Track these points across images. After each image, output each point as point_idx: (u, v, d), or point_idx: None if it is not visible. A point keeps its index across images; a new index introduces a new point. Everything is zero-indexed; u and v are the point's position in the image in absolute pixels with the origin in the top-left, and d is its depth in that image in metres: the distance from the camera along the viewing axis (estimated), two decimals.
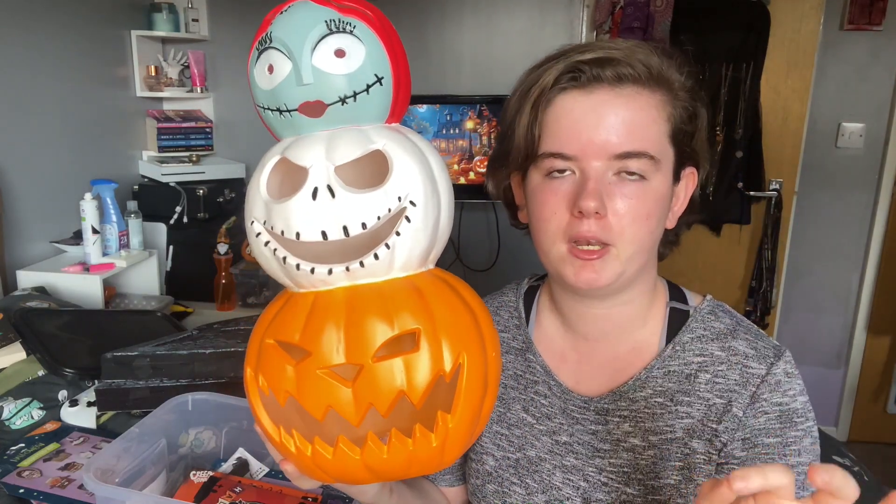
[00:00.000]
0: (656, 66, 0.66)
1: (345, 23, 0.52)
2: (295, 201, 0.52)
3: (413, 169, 0.53)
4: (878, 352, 2.78)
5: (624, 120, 0.65)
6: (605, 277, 0.67)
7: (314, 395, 0.52)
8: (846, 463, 1.34)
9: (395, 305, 0.52)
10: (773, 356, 0.70)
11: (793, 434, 0.68)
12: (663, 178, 0.68)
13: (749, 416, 0.68)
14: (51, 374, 1.33)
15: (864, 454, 1.68)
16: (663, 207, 0.69)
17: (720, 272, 2.72)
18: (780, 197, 2.62)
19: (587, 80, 0.66)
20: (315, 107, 0.53)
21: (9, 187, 1.88)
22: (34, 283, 1.80)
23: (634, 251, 0.67)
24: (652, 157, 0.65)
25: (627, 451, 0.72)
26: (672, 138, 0.68)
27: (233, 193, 2.61)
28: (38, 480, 1.02)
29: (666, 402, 0.71)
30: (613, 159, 0.65)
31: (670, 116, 0.68)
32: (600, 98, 0.65)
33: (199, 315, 2.13)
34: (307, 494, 0.91)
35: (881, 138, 2.60)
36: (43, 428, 1.21)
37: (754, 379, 0.69)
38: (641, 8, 2.41)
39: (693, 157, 0.72)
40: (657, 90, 0.67)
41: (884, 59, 2.55)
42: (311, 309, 0.54)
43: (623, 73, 0.65)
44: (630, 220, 0.65)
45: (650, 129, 0.66)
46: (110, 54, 2.39)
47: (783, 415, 0.68)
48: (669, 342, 0.74)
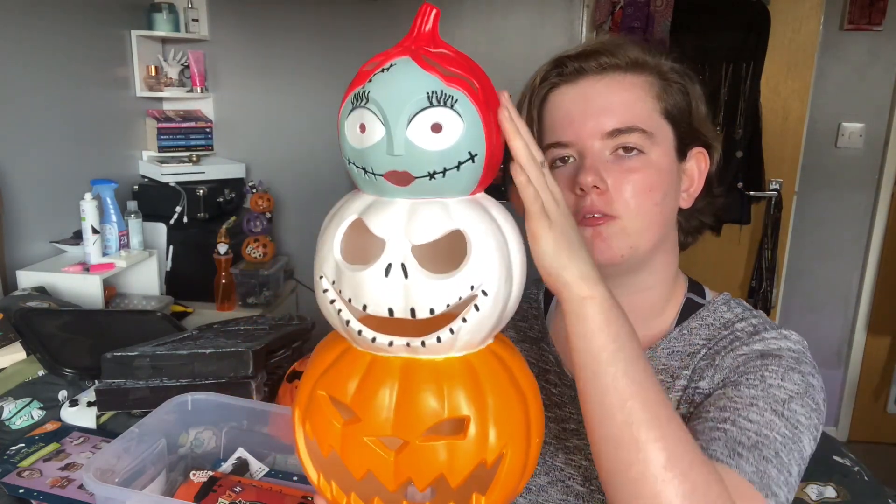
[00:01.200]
0: (636, 53, 0.71)
1: (447, 96, 0.50)
2: (368, 274, 0.51)
3: (491, 256, 0.52)
4: (878, 352, 2.78)
5: (610, 101, 0.69)
6: (618, 249, 0.69)
7: (357, 458, 0.53)
8: (846, 463, 1.34)
9: (450, 387, 0.52)
10: (771, 329, 0.72)
11: (776, 365, 0.67)
12: (663, 153, 0.70)
13: (727, 360, 0.69)
14: (51, 374, 1.33)
15: (864, 454, 1.68)
16: (668, 182, 0.71)
17: (720, 272, 2.72)
18: (780, 197, 2.62)
19: (572, 72, 0.71)
20: (402, 177, 0.51)
21: (9, 187, 1.88)
22: (34, 283, 1.80)
23: (643, 224, 0.69)
24: (644, 130, 0.69)
25: None
26: (666, 115, 0.71)
27: (233, 193, 2.61)
28: (38, 480, 1.02)
29: (666, 379, 0.74)
30: (607, 138, 0.69)
31: (660, 95, 0.71)
32: (586, 86, 0.70)
33: (199, 315, 2.13)
34: (307, 494, 0.91)
35: (881, 138, 2.61)
36: (43, 428, 1.21)
37: (738, 340, 0.71)
38: (641, 8, 2.41)
39: (698, 137, 0.74)
40: (641, 73, 0.71)
41: (884, 59, 2.55)
42: (367, 372, 0.53)
43: (605, 62, 0.70)
44: (632, 192, 0.68)
45: (637, 106, 0.69)
46: (110, 54, 2.40)
47: (765, 353, 0.69)
48: (678, 326, 0.76)
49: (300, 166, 2.82)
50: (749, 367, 0.67)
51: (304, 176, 2.83)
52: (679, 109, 0.72)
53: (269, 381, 1.26)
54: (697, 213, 0.78)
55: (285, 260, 2.65)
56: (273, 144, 2.81)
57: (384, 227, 0.51)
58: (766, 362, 0.67)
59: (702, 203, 0.77)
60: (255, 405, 1.01)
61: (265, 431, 0.99)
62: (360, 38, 2.67)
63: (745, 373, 0.67)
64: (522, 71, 0.78)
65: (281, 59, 2.73)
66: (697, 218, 0.79)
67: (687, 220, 0.78)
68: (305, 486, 0.93)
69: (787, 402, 0.64)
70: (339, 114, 0.54)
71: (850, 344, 2.80)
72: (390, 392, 0.52)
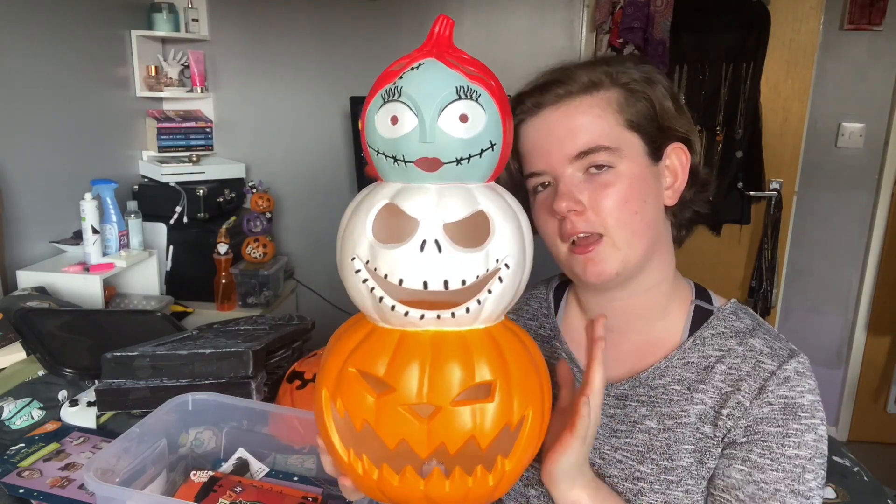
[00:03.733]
0: (588, 75, 0.74)
1: (472, 90, 0.57)
2: (403, 250, 0.56)
3: (511, 233, 0.58)
4: (878, 352, 2.78)
5: (570, 126, 0.73)
6: (611, 266, 0.73)
7: (391, 427, 0.57)
8: (846, 463, 1.34)
9: (477, 356, 0.57)
10: (786, 355, 0.74)
11: (795, 426, 0.70)
12: (632, 163, 0.73)
13: (754, 406, 0.71)
14: (51, 374, 1.32)
15: (864, 454, 1.68)
16: (643, 189, 0.74)
17: (720, 272, 2.72)
18: (780, 197, 2.62)
19: (531, 107, 0.75)
20: (432, 163, 0.57)
21: (9, 187, 1.88)
22: (34, 283, 1.80)
23: (628, 235, 0.72)
24: (608, 147, 0.72)
25: (643, 433, 0.76)
26: (629, 125, 0.74)
27: (233, 193, 2.61)
28: (38, 480, 1.02)
29: (683, 391, 0.76)
30: (575, 160, 0.73)
31: (621, 108, 0.73)
32: (546, 116, 0.75)
33: (199, 315, 2.13)
34: (307, 494, 0.91)
35: (881, 138, 2.61)
36: (43, 428, 1.21)
37: (764, 373, 0.73)
38: (641, 8, 2.41)
39: (670, 134, 0.76)
40: (597, 92, 0.74)
41: (884, 59, 2.55)
42: (398, 346, 0.58)
43: (559, 92, 0.74)
44: (609, 207, 0.71)
45: (597, 125, 0.73)
46: (110, 54, 2.40)
47: (787, 407, 0.71)
48: (691, 336, 0.78)
49: (300, 166, 2.82)
50: (773, 429, 0.71)
51: (304, 176, 2.83)
52: (644, 116, 0.74)
53: (269, 381, 1.26)
54: (689, 204, 0.80)
55: (285, 260, 2.65)
56: (273, 144, 2.81)
57: (417, 208, 0.57)
58: (787, 425, 0.70)
59: (690, 193, 0.79)
60: (255, 405, 1.01)
61: (265, 431, 0.99)
62: (360, 38, 2.67)
63: (768, 438, 0.70)
64: (522, 71, 0.79)
65: (281, 59, 2.73)
66: (690, 208, 0.81)
67: (680, 213, 0.81)
68: (305, 486, 0.93)
69: (801, 476, 0.69)
70: (366, 110, 0.60)
71: (850, 344, 2.80)
72: (422, 362, 0.56)
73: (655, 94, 0.75)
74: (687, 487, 0.73)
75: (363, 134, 0.62)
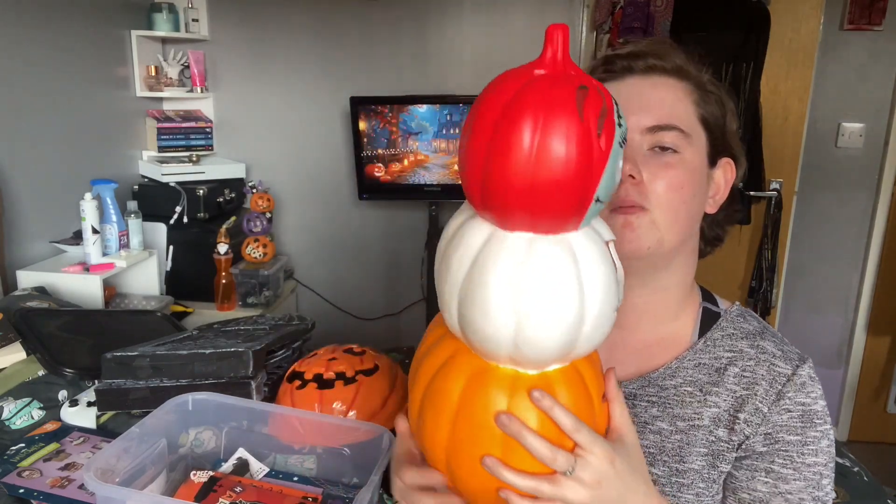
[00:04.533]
0: (682, 60, 0.75)
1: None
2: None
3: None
4: (878, 352, 2.78)
5: (653, 98, 0.73)
6: (646, 240, 0.71)
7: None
8: (846, 463, 1.34)
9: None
10: (797, 360, 0.75)
11: (812, 434, 0.71)
12: (696, 154, 0.74)
13: (773, 413, 0.72)
14: (51, 374, 1.32)
15: (864, 454, 1.68)
16: (697, 182, 0.74)
17: (720, 272, 2.71)
18: (780, 197, 2.62)
19: (619, 70, 0.75)
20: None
21: (9, 187, 1.88)
22: (34, 283, 1.80)
23: (671, 220, 0.72)
24: (682, 130, 0.72)
25: (654, 434, 0.75)
26: (702, 120, 0.75)
27: (233, 193, 2.61)
28: (38, 480, 1.02)
29: (695, 392, 0.75)
30: (646, 133, 0.72)
31: (698, 102, 0.74)
32: (631, 83, 0.74)
33: (199, 315, 2.13)
34: (307, 494, 0.91)
35: (881, 138, 2.61)
36: (43, 428, 1.21)
37: (781, 377, 0.73)
38: (641, 8, 2.41)
39: (728, 148, 0.78)
40: (683, 79, 0.75)
41: (884, 59, 2.55)
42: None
43: (652, 64, 0.74)
44: (664, 186, 0.71)
45: (678, 106, 0.73)
46: (110, 54, 2.39)
47: (805, 415, 0.72)
48: (702, 337, 0.78)
49: (300, 166, 2.82)
50: (792, 438, 0.71)
51: (304, 176, 2.83)
52: (714, 118, 0.75)
53: (269, 381, 1.26)
54: (717, 224, 0.82)
55: (285, 260, 2.65)
56: (273, 144, 2.81)
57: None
58: (805, 432, 0.71)
59: (723, 214, 0.80)
60: (255, 405, 1.01)
61: (265, 431, 0.99)
62: (360, 38, 2.67)
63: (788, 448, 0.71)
64: None
65: (281, 59, 2.73)
66: (717, 229, 0.82)
67: (708, 229, 0.82)
68: (305, 486, 0.93)
69: (819, 482, 0.71)
70: (608, 159, 0.50)
71: (850, 344, 2.80)
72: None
73: (728, 105, 0.77)
74: (698, 490, 0.73)
75: (594, 181, 0.49)
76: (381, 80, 2.68)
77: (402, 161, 2.54)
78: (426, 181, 2.55)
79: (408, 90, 2.62)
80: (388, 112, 2.49)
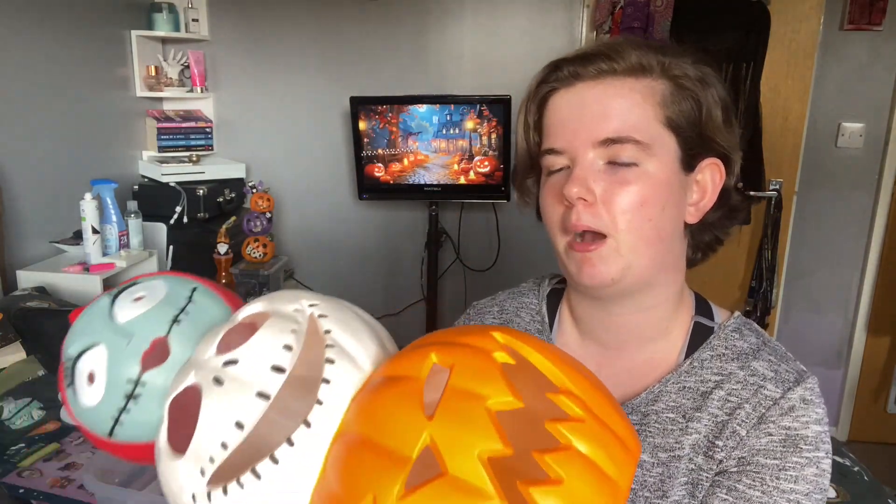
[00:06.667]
0: (638, 56, 0.65)
1: None
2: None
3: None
4: (878, 352, 2.78)
5: (605, 107, 0.65)
6: (609, 271, 0.64)
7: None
8: (846, 463, 1.34)
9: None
10: (793, 381, 0.67)
11: (794, 459, 0.63)
12: (661, 164, 0.65)
13: (752, 437, 0.65)
14: (51, 374, 1.32)
15: (864, 454, 1.68)
16: (665, 196, 0.65)
17: (720, 272, 2.72)
18: (780, 197, 2.62)
19: (567, 76, 0.67)
20: None
21: (9, 187, 1.88)
22: (34, 283, 1.80)
23: (635, 241, 0.64)
24: (638, 141, 0.64)
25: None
26: (668, 124, 0.65)
27: (233, 193, 2.61)
28: (38, 480, 1.02)
29: (678, 419, 0.68)
30: (599, 146, 0.64)
31: (663, 101, 0.65)
32: (582, 91, 0.66)
33: None
34: None
35: (881, 138, 2.60)
36: (43, 428, 1.21)
37: (766, 401, 0.66)
38: (641, 8, 2.41)
39: (710, 146, 0.68)
40: (643, 77, 0.65)
41: (884, 59, 2.55)
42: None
43: (602, 67, 0.65)
44: (623, 206, 0.63)
45: (634, 113, 0.64)
46: (110, 54, 2.39)
47: (789, 439, 0.64)
48: (688, 358, 0.71)
49: (300, 166, 2.82)
50: (769, 461, 0.63)
51: (304, 176, 2.83)
52: (686, 117, 0.66)
53: None
54: (711, 228, 0.72)
55: (285, 260, 2.65)
56: (273, 144, 2.81)
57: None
58: (785, 458, 0.63)
59: (715, 216, 0.71)
60: None
61: None
62: (360, 38, 2.67)
63: (762, 470, 0.63)
64: (522, 71, 0.78)
65: (281, 58, 2.73)
66: (711, 232, 0.72)
67: (699, 235, 0.72)
68: None
69: None
70: None
71: (850, 344, 2.80)
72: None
73: (706, 98, 0.66)
74: None
75: None
76: (381, 80, 2.68)
77: (402, 161, 2.54)
78: (426, 181, 2.55)
79: (408, 90, 2.62)
80: (388, 112, 2.49)
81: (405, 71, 2.69)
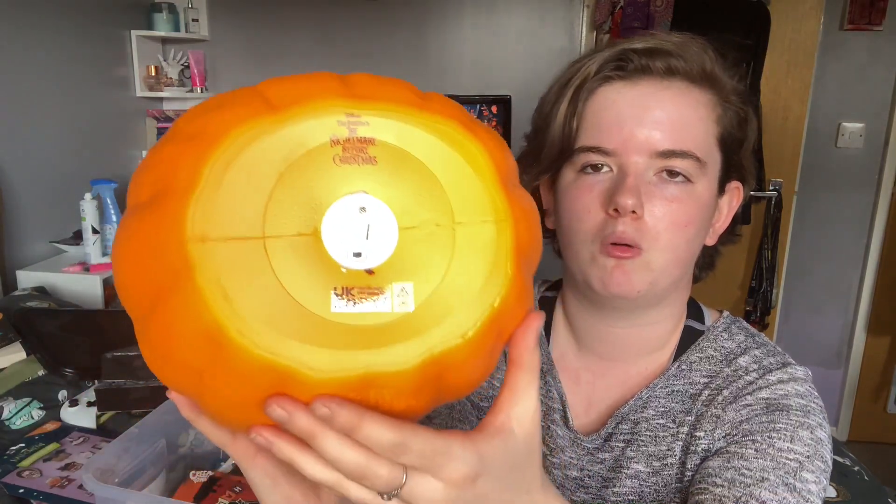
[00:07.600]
0: (710, 63, 0.61)
1: None
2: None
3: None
4: (878, 352, 2.78)
5: (671, 115, 0.59)
6: (636, 285, 0.60)
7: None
8: (846, 462, 1.34)
9: None
10: (774, 367, 0.65)
11: (784, 421, 0.59)
12: (708, 185, 0.62)
13: (729, 412, 0.62)
14: (51, 374, 1.33)
15: (864, 454, 1.69)
16: (704, 218, 0.62)
17: (720, 272, 2.68)
18: (780, 197, 2.62)
19: (634, 69, 0.60)
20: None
21: (9, 187, 1.88)
22: (34, 283, 1.80)
23: (668, 261, 0.61)
24: (698, 158, 0.59)
25: (631, 479, 0.66)
26: (720, 143, 0.62)
27: None
28: (38, 480, 1.02)
29: (668, 424, 0.66)
30: (656, 157, 0.59)
31: (720, 118, 0.62)
32: (647, 90, 0.60)
33: None
34: None
35: (881, 138, 2.60)
36: (43, 428, 1.21)
37: (742, 382, 0.64)
38: (641, 8, 2.41)
39: (739, 171, 0.66)
40: (708, 89, 0.61)
41: (884, 59, 2.55)
42: None
43: (675, 65, 0.60)
44: (667, 224, 0.59)
45: (698, 129, 0.60)
46: (110, 54, 2.40)
47: (770, 406, 0.61)
48: (675, 361, 0.69)
49: None
50: (755, 426, 0.60)
51: None
52: (732, 137, 0.62)
53: None
54: (713, 250, 0.71)
55: None
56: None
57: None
58: (773, 419, 0.60)
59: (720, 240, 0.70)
60: None
61: None
62: (360, 38, 2.67)
63: (752, 433, 0.60)
64: (522, 71, 0.77)
65: (281, 59, 2.73)
66: (710, 255, 0.72)
67: (705, 255, 0.71)
68: None
69: (798, 472, 0.57)
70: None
71: (850, 344, 2.80)
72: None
73: (752, 124, 0.64)
74: None
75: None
76: None
77: None
78: None
79: None
80: None
81: (405, 71, 2.69)
